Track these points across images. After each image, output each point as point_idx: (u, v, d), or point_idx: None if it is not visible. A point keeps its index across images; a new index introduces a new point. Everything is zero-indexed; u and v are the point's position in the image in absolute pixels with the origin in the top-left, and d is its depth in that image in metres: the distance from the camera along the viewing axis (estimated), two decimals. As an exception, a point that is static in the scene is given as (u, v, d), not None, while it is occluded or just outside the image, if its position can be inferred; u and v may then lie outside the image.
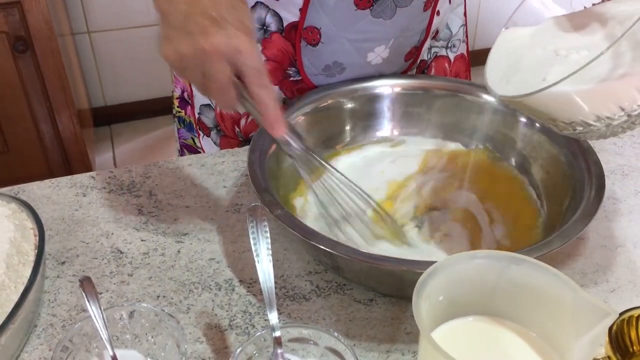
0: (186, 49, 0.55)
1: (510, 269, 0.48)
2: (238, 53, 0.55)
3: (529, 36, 0.60)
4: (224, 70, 0.55)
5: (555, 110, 0.54)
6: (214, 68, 0.55)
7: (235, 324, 0.60)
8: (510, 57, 0.60)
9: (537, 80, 0.54)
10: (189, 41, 0.55)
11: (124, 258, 0.67)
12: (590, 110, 0.52)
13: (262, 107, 0.58)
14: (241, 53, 0.55)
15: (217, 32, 0.54)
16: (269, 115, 0.59)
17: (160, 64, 2.49)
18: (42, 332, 0.60)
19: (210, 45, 0.54)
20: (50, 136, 1.81)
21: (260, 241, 0.55)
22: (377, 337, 0.59)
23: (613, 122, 0.52)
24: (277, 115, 0.59)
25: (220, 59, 0.55)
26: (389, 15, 0.76)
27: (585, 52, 0.55)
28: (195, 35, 0.54)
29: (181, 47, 0.55)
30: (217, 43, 0.54)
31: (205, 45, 0.54)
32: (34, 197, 0.75)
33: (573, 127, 0.54)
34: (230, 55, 0.55)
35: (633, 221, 0.72)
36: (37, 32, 1.64)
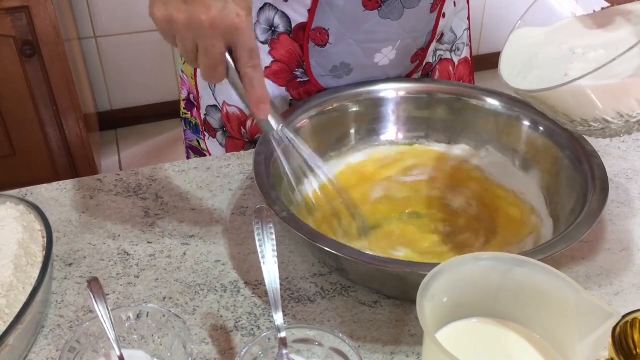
0: (181, 16, 0.53)
1: (514, 270, 0.48)
2: (235, 30, 0.53)
3: (543, 35, 0.61)
4: (218, 46, 0.54)
5: (573, 106, 0.54)
6: (209, 42, 0.53)
7: (240, 326, 0.61)
8: (525, 55, 0.60)
9: (558, 76, 0.55)
10: (186, 8, 0.53)
11: (130, 260, 0.68)
12: (611, 106, 0.53)
13: (249, 87, 0.57)
14: (238, 31, 0.54)
15: (217, 5, 0.53)
16: (256, 96, 0.58)
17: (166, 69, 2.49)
18: (49, 333, 0.60)
19: (209, 19, 0.52)
20: (57, 140, 1.82)
21: (266, 243, 0.55)
22: (381, 338, 0.59)
23: (632, 119, 0.53)
24: (264, 96, 0.58)
25: (217, 34, 0.53)
26: (396, 17, 0.76)
27: (602, 51, 0.55)
28: (193, 4, 0.53)
29: (176, 12, 0.53)
30: (215, 17, 0.52)
31: (202, 17, 0.52)
32: (41, 199, 0.76)
33: (588, 124, 0.54)
34: (227, 31, 0.53)
35: (637, 225, 0.72)
36: (44, 36, 1.65)
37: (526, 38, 0.61)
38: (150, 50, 2.27)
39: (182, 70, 0.92)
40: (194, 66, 0.57)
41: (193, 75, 0.88)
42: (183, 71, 0.92)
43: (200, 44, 0.54)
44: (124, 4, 2.17)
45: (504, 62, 0.60)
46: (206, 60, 0.55)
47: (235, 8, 0.53)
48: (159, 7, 0.54)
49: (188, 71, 0.90)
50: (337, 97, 0.79)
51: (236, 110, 0.85)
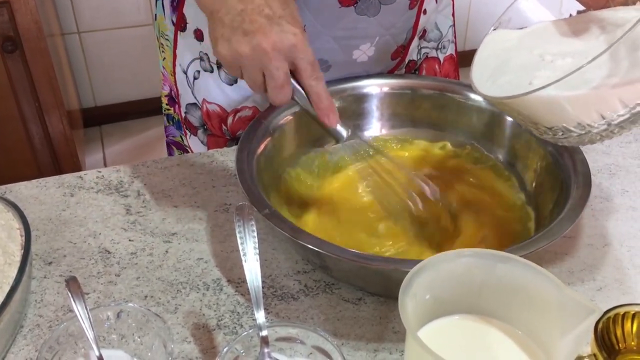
0: (245, 49, 0.56)
1: (496, 267, 0.48)
2: (295, 49, 0.57)
3: (517, 38, 0.61)
4: (283, 67, 0.57)
5: (538, 114, 0.54)
6: (274, 65, 0.57)
7: (223, 324, 0.60)
8: (497, 58, 0.60)
9: (523, 83, 0.55)
10: (247, 40, 0.56)
11: (111, 258, 0.67)
12: (573, 117, 0.53)
13: (317, 99, 0.60)
14: (297, 49, 0.57)
15: (274, 29, 0.56)
16: (324, 106, 0.60)
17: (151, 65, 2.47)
18: (28, 333, 0.59)
19: (270, 44, 0.56)
20: (40, 137, 1.80)
21: (248, 240, 0.55)
22: (365, 336, 0.59)
23: (593, 129, 0.53)
24: (331, 105, 0.61)
25: (280, 56, 0.56)
26: (373, 13, 0.76)
27: (569, 60, 0.55)
28: (253, 34, 0.56)
29: (239, 46, 0.56)
30: (276, 41, 0.56)
31: (264, 45, 0.56)
32: (21, 197, 0.74)
33: (554, 132, 0.55)
34: (287, 51, 0.57)
35: (620, 220, 0.72)
36: (25, 32, 1.62)
37: (500, 41, 0.61)
38: (134, 46, 2.25)
39: (162, 67, 0.91)
40: (261, 92, 0.60)
41: (172, 72, 0.87)
42: (164, 67, 0.91)
43: (265, 70, 0.57)
44: (108, -1, 2.15)
45: (476, 65, 0.60)
46: (273, 82, 0.58)
47: (290, 28, 0.57)
48: (223, 46, 0.57)
49: (168, 68, 0.89)
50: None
51: (216, 108, 0.84)
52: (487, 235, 0.68)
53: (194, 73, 0.84)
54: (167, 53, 0.87)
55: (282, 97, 0.59)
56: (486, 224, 0.70)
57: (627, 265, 0.66)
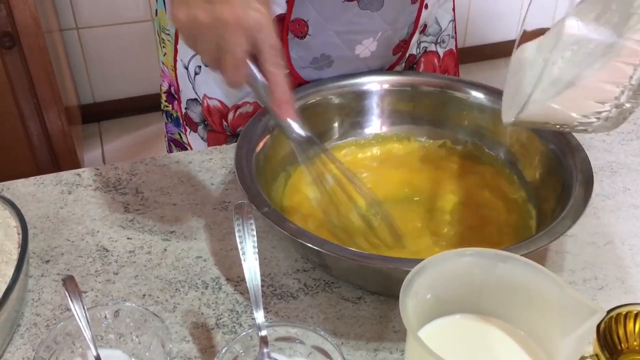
0: (204, 16, 0.52)
1: (497, 266, 0.47)
2: (259, 28, 0.53)
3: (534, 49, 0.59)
4: (242, 44, 0.53)
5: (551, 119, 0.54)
6: (232, 41, 0.53)
7: (222, 323, 0.60)
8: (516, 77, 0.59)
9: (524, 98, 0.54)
10: (209, 8, 0.52)
11: (109, 256, 0.67)
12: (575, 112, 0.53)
13: (273, 87, 0.56)
14: (262, 29, 0.53)
15: (240, 3, 0.52)
16: (279, 96, 0.57)
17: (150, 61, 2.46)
18: (25, 332, 0.59)
19: (233, 17, 0.52)
20: (38, 133, 1.79)
21: (247, 239, 0.54)
22: (365, 335, 0.59)
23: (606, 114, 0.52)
24: (288, 96, 0.57)
25: (240, 32, 0.52)
26: (376, 7, 0.75)
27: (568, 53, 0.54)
28: (216, 3, 0.52)
29: (199, 12, 0.52)
30: (240, 15, 0.52)
31: (227, 16, 0.52)
32: (18, 194, 0.74)
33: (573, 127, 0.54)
34: (250, 29, 0.53)
35: (621, 218, 0.72)
36: (23, 28, 1.62)
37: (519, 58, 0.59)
38: (133, 42, 2.24)
39: (162, 62, 0.90)
40: (216, 67, 0.56)
41: (173, 68, 0.87)
42: (163, 63, 0.90)
43: (223, 43, 0.53)
44: (107, -5, 2.14)
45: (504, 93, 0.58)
46: (230, 59, 0.54)
47: (256, 5, 0.53)
48: (181, 8, 0.53)
49: (169, 63, 0.88)
50: (321, 90, 0.78)
51: (217, 103, 0.84)
52: (488, 233, 0.67)
53: (195, 68, 0.83)
54: (168, 48, 0.86)
55: (237, 76, 0.55)
56: (487, 222, 0.69)
57: (629, 263, 0.66)
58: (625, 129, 0.86)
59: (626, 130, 0.86)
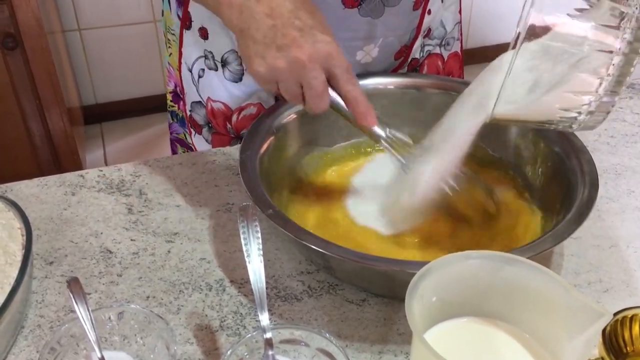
0: (281, 63, 0.57)
1: (503, 269, 0.47)
2: (330, 57, 0.58)
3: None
4: (320, 77, 0.58)
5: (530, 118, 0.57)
6: (311, 76, 0.58)
7: (226, 325, 0.60)
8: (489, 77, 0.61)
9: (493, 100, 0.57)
10: (283, 55, 0.57)
11: (113, 258, 0.67)
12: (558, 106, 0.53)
13: (355, 103, 0.61)
14: (333, 57, 0.58)
15: (308, 40, 0.57)
16: (361, 109, 0.61)
17: (151, 62, 2.45)
18: (29, 334, 0.59)
19: (306, 55, 0.56)
20: (40, 134, 1.79)
21: (251, 241, 0.54)
22: (369, 337, 0.59)
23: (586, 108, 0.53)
24: (369, 107, 0.62)
25: (316, 66, 0.57)
26: (377, 15, 0.75)
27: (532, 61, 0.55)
28: (288, 48, 0.57)
29: (275, 61, 0.57)
30: (311, 52, 0.57)
31: (301, 56, 0.56)
32: (21, 196, 0.74)
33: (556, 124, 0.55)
34: (323, 61, 0.58)
35: (626, 220, 0.71)
36: (26, 29, 1.62)
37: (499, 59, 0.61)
38: (135, 43, 2.24)
39: (168, 63, 0.90)
40: (299, 102, 0.61)
41: (178, 68, 0.87)
42: (170, 63, 0.90)
43: (304, 81, 0.58)
44: (109, -4, 2.14)
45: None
46: (312, 92, 0.59)
47: (323, 37, 0.58)
48: (259, 63, 0.58)
49: (174, 63, 0.88)
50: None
51: (221, 106, 0.83)
52: (493, 236, 0.67)
53: (199, 71, 0.83)
54: (174, 49, 0.86)
55: (321, 105, 0.60)
56: (492, 224, 0.69)
57: (634, 266, 0.66)
58: (629, 131, 0.86)
59: (630, 132, 0.86)
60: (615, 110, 0.90)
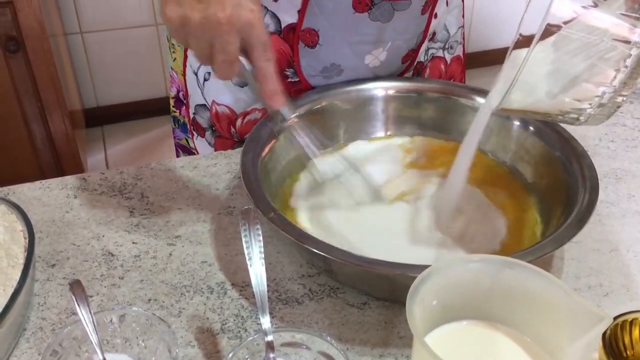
0: (196, 15, 0.54)
1: (504, 272, 0.48)
2: (250, 26, 0.55)
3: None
4: (235, 43, 0.55)
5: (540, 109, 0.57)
6: (225, 39, 0.54)
7: (227, 328, 0.60)
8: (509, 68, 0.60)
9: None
10: (202, 7, 0.53)
11: (115, 261, 0.67)
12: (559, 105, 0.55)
13: (264, 80, 0.59)
14: (253, 26, 0.55)
15: (232, 2, 0.54)
16: (270, 88, 0.59)
17: (153, 65, 2.46)
18: (31, 336, 0.59)
19: (225, 16, 0.53)
20: (42, 137, 1.80)
21: (253, 244, 0.54)
22: (370, 341, 0.59)
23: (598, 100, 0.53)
24: (277, 87, 0.60)
25: (233, 31, 0.54)
26: (386, 19, 0.76)
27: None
28: (208, 3, 0.53)
29: (190, 12, 0.54)
30: (232, 14, 0.53)
31: (219, 14, 0.53)
32: (24, 198, 0.74)
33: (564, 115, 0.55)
34: (242, 27, 0.54)
35: (626, 225, 0.72)
36: (28, 32, 1.62)
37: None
38: (137, 46, 2.25)
39: (171, 68, 0.91)
40: (208, 64, 0.58)
41: (183, 73, 0.87)
42: (173, 68, 0.90)
43: (216, 42, 0.55)
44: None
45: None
46: (223, 57, 0.55)
47: (248, 4, 0.54)
48: (172, 7, 0.55)
49: (178, 69, 0.89)
50: (327, 96, 0.78)
51: (225, 110, 0.84)
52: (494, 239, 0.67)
53: (205, 74, 0.83)
54: (178, 53, 0.87)
55: (229, 72, 0.57)
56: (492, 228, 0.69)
57: (634, 270, 0.66)
58: (630, 135, 0.86)
59: (631, 137, 0.86)
60: (615, 115, 0.91)
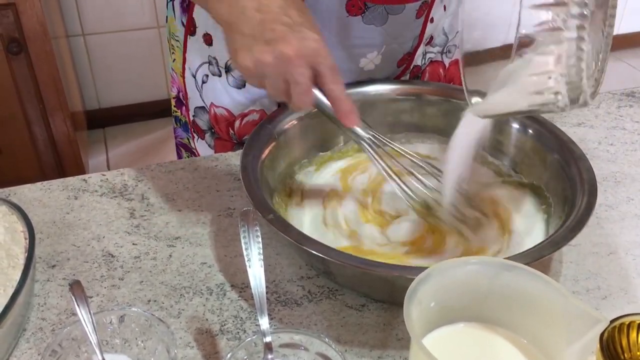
0: (268, 57, 0.56)
1: (501, 275, 0.48)
2: (317, 54, 0.58)
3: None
4: (307, 73, 0.57)
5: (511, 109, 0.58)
6: (298, 72, 0.57)
7: (226, 329, 0.60)
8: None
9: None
10: (270, 49, 0.56)
11: (115, 262, 0.67)
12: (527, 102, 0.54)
13: (338, 102, 0.61)
14: (319, 54, 0.58)
15: (296, 36, 0.57)
16: (344, 108, 0.61)
17: (155, 67, 2.46)
18: (31, 336, 0.59)
19: (293, 51, 0.56)
20: (44, 139, 1.80)
21: (252, 246, 0.54)
22: (368, 342, 0.59)
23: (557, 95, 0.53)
24: (352, 107, 0.62)
25: (303, 62, 0.57)
26: (380, 22, 0.76)
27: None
28: (276, 43, 0.56)
29: (262, 55, 0.56)
30: (299, 48, 0.56)
31: (288, 52, 0.56)
32: (25, 199, 0.74)
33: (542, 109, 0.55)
34: (310, 57, 0.57)
35: (625, 228, 0.72)
36: (31, 34, 1.63)
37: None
38: (139, 48, 2.26)
39: (172, 69, 0.91)
40: (284, 99, 0.60)
41: (182, 75, 0.88)
42: (173, 69, 0.91)
43: (289, 77, 0.57)
44: (113, 1, 2.15)
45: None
46: (298, 88, 0.58)
47: (311, 35, 0.57)
48: (245, 55, 0.57)
49: (178, 69, 0.89)
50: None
51: (224, 112, 0.84)
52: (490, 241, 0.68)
53: (203, 77, 0.84)
54: (177, 55, 0.87)
55: (306, 102, 0.60)
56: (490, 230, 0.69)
57: (633, 274, 0.66)
58: (629, 139, 0.86)
59: (630, 140, 0.86)
60: (615, 119, 0.91)
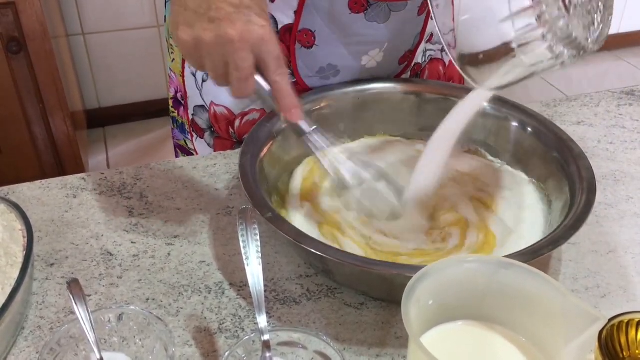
0: (208, 36, 0.54)
1: (500, 273, 0.48)
2: (262, 41, 0.55)
3: None
4: (248, 59, 0.55)
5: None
6: (239, 56, 0.54)
7: (224, 328, 0.60)
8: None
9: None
10: (213, 27, 0.54)
11: (113, 260, 0.67)
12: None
13: (280, 94, 0.58)
14: (265, 41, 0.55)
15: (242, 19, 0.54)
16: (287, 101, 0.59)
17: (155, 66, 2.46)
18: (29, 335, 0.59)
19: (237, 33, 0.53)
20: (43, 138, 1.80)
21: (250, 244, 0.54)
22: (367, 341, 0.59)
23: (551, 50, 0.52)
24: (295, 101, 0.60)
25: (246, 47, 0.54)
26: (383, 20, 0.76)
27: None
28: (220, 23, 0.53)
29: (203, 33, 0.54)
30: (243, 31, 0.54)
31: (231, 33, 0.53)
32: (23, 198, 0.74)
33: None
34: (254, 44, 0.55)
35: (624, 227, 0.72)
36: (31, 33, 1.63)
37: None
38: (139, 47, 2.26)
39: (170, 69, 0.91)
40: (223, 84, 0.58)
41: (181, 74, 0.88)
42: (171, 69, 0.91)
43: (230, 60, 0.55)
44: (113, 1, 2.15)
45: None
46: (238, 74, 0.56)
47: (258, 20, 0.55)
48: (185, 30, 0.55)
49: (177, 70, 0.89)
50: (325, 97, 0.79)
51: (224, 110, 0.84)
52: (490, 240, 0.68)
53: (203, 75, 0.84)
54: (177, 55, 0.87)
55: (245, 89, 0.57)
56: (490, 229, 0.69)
57: (632, 272, 0.66)
58: (629, 137, 0.86)
59: (630, 139, 0.86)
60: (615, 117, 0.91)
